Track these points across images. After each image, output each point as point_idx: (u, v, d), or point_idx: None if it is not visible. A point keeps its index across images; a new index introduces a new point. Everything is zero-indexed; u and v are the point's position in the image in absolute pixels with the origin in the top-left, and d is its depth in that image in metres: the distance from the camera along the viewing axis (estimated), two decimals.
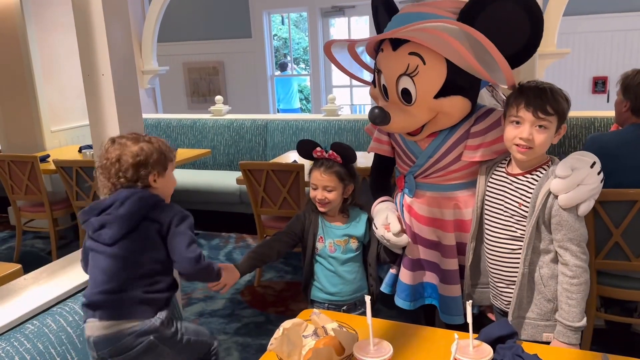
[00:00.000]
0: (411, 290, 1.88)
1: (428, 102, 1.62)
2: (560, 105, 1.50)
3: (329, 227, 1.84)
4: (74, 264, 1.68)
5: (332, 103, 4.51)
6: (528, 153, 1.52)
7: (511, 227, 1.59)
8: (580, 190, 1.46)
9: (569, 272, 1.49)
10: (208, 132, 4.72)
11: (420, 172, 1.79)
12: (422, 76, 1.59)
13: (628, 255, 2.14)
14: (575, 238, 1.49)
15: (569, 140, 3.62)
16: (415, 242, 1.85)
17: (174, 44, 7.59)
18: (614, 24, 5.75)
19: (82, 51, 1.59)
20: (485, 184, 1.68)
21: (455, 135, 1.73)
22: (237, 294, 3.18)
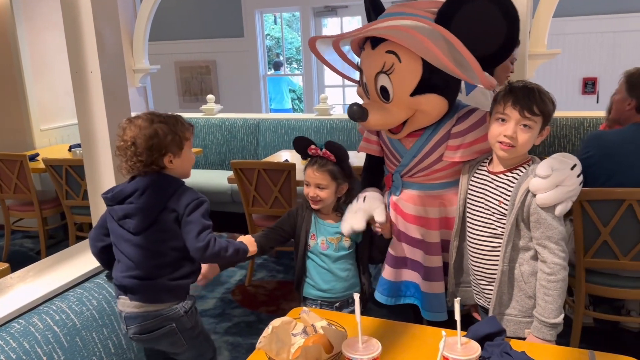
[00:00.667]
0: (390, 286, 1.88)
1: (404, 100, 1.64)
2: (547, 106, 1.53)
3: (321, 224, 1.84)
4: (62, 262, 1.67)
5: (324, 102, 4.51)
6: (510, 151, 1.53)
7: (492, 224, 1.61)
8: (558, 191, 1.47)
9: (547, 269, 1.51)
10: (200, 131, 4.70)
11: (405, 171, 1.81)
12: (398, 74, 1.61)
13: (616, 254, 2.16)
14: (553, 236, 1.50)
15: (559, 140, 3.64)
16: (400, 240, 1.86)
17: (165, 43, 7.56)
18: (603, 25, 5.79)
19: (70, 48, 1.57)
20: (467, 183, 1.70)
21: (438, 135, 1.74)
22: (228, 294, 3.18)
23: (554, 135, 3.66)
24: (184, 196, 1.47)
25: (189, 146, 1.54)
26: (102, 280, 1.55)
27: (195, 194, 1.49)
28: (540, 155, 1.66)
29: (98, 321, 1.46)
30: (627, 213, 2.09)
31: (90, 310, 1.45)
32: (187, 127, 1.53)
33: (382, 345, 1.22)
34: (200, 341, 1.59)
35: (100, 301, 1.49)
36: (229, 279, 3.37)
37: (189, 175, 1.56)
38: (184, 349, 1.56)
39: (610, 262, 2.19)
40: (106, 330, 1.47)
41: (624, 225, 2.12)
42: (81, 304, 1.44)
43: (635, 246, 2.12)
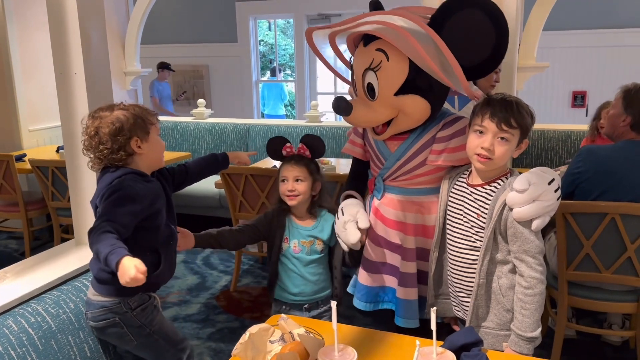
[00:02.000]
0: (368, 291, 1.88)
1: (389, 99, 1.66)
2: (524, 120, 1.53)
3: (295, 227, 1.84)
4: (41, 264, 1.66)
5: (315, 109, 4.52)
6: (487, 163, 1.54)
7: (470, 237, 1.61)
8: (535, 205, 1.47)
9: (525, 282, 1.50)
10: (189, 135, 4.69)
11: (388, 174, 1.81)
12: (384, 71, 1.64)
13: (599, 267, 2.17)
14: (530, 250, 1.49)
15: (546, 153, 3.67)
16: (379, 245, 1.85)
17: (159, 46, 7.54)
18: (594, 39, 5.86)
19: (55, 49, 1.56)
20: (447, 194, 1.70)
21: (423, 139, 1.75)
22: (212, 299, 3.16)
23: (541, 148, 3.68)
24: (107, 185, 1.44)
25: (156, 131, 1.54)
26: (80, 283, 1.54)
27: (118, 184, 1.43)
28: (524, 168, 1.67)
29: (75, 324, 1.45)
30: (610, 227, 2.10)
31: (67, 313, 1.44)
32: (150, 113, 1.53)
33: (359, 354, 1.21)
34: (155, 341, 1.56)
35: (77, 304, 1.48)
36: (214, 284, 3.35)
37: (161, 163, 1.56)
38: (134, 345, 1.54)
39: (593, 275, 2.20)
40: (82, 334, 1.46)
41: (607, 239, 2.13)
42: (58, 306, 1.43)
43: (617, 260, 2.13)
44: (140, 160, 1.50)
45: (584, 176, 2.14)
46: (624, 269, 2.14)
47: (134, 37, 5.18)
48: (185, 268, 3.61)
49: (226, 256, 3.78)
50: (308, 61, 7.40)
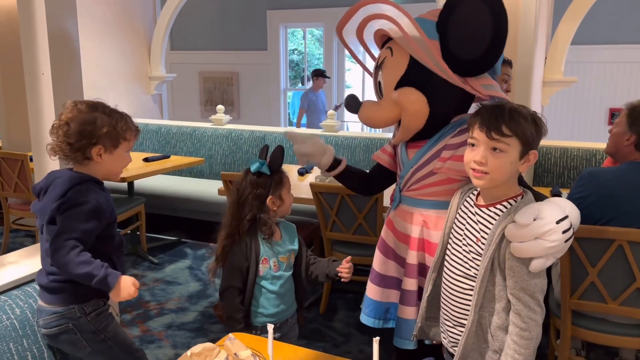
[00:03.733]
0: (377, 306, 1.81)
1: (390, 93, 1.67)
2: (520, 126, 1.33)
3: (271, 244, 1.74)
4: None
5: (332, 119, 4.45)
6: (485, 179, 1.36)
7: (466, 263, 1.45)
8: (536, 244, 1.29)
9: (522, 323, 1.33)
10: (206, 141, 4.70)
11: (403, 183, 1.77)
12: (387, 67, 1.68)
13: (605, 297, 2.00)
14: (529, 288, 1.32)
15: (569, 172, 3.47)
16: (390, 258, 1.80)
17: (191, 53, 7.66)
18: (632, 55, 5.58)
19: (24, 48, 1.55)
20: (455, 211, 1.55)
21: (436, 147, 1.68)
22: (210, 308, 3.11)
23: (563, 166, 3.49)
24: (64, 194, 1.40)
25: (126, 148, 1.49)
26: (32, 288, 1.50)
27: (78, 195, 1.39)
28: (544, 188, 1.53)
29: (18, 331, 1.41)
30: (617, 254, 1.94)
31: (11, 320, 1.40)
32: (130, 128, 1.48)
33: None
34: (109, 348, 1.52)
35: (24, 310, 1.44)
36: (214, 293, 3.30)
37: (116, 178, 1.52)
38: (88, 352, 1.50)
39: (598, 305, 2.03)
40: (27, 341, 1.42)
41: (614, 267, 1.96)
42: (2, 312, 1.39)
43: (625, 290, 1.96)
44: (96, 168, 1.46)
45: (587, 201, 1.98)
46: (632, 300, 1.97)
47: (159, 43, 5.27)
48: (189, 274, 3.59)
49: None
50: (337, 70, 7.35)
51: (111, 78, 4.92)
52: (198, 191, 4.27)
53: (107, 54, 4.83)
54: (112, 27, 4.89)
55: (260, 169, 1.67)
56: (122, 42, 5.01)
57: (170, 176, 4.54)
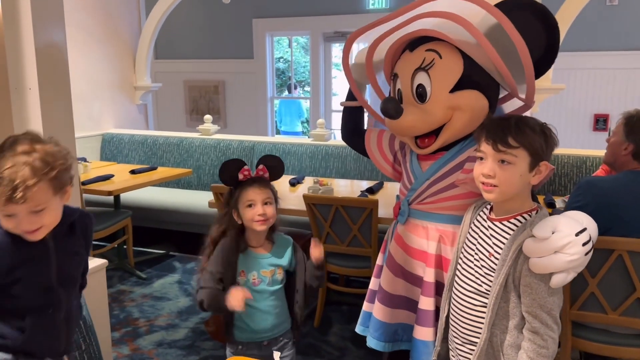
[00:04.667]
0: (386, 329, 1.73)
1: (443, 97, 1.55)
2: (527, 137, 1.32)
3: (253, 257, 1.69)
4: None
5: (321, 128, 4.41)
6: (494, 192, 1.35)
7: (477, 279, 1.42)
8: (556, 258, 1.26)
9: (541, 340, 1.30)
10: (194, 151, 4.63)
11: (415, 196, 1.69)
12: (438, 68, 1.55)
13: (605, 308, 1.99)
14: (546, 305, 1.30)
15: (559, 179, 3.48)
16: (398, 276, 1.71)
17: (175, 62, 7.58)
18: (616, 61, 5.65)
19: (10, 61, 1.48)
20: (468, 225, 1.51)
21: (458, 160, 1.63)
22: (201, 324, 3.03)
23: (554, 173, 3.49)
24: None
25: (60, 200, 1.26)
26: None
27: None
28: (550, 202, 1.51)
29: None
30: (617, 264, 1.93)
31: None
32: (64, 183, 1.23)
33: None
34: None
35: None
36: None
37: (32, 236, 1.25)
38: None
39: (598, 316, 2.01)
40: None
41: (614, 278, 1.95)
42: None
43: (625, 301, 1.95)
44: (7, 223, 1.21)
45: (585, 210, 1.95)
46: (633, 310, 1.96)
47: (144, 52, 5.19)
48: (179, 289, 3.51)
49: None
50: (323, 78, 7.33)
51: (96, 88, 4.83)
52: (186, 203, 4.19)
53: (91, 64, 4.75)
54: (96, 37, 4.80)
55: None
56: (106, 52, 4.93)
57: (157, 188, 4.46)
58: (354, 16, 6.58)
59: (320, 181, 3.39)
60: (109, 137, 4.96)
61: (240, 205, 1.67)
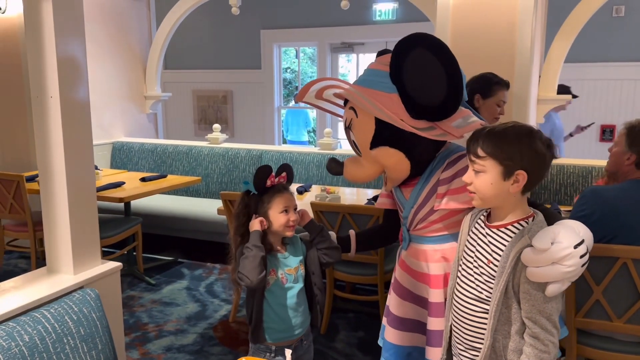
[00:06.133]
0: (397, 350, 1.75)
1: (366, 153, 1.65)
2: (496, 147, 1.33)
3: (276, 257, 1.74)
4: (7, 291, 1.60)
5: (328, 137, 4.46)
6: (475, 199, 1.41)
7: (478, 286, 1.43)
8: (554, 269, 1.28)
9: (542, 345, 1.33)
10: (203, 160, 4.69)
11: (408, 223, 1.73)
12: (356, 127, 1.65)
13: (610, 315, 2.00)
14: (545, 311, 1.32)
15: (565, 188, 3.50)
16: (406, 299, 1.74)
17: (184, 72, 7.68)
18: (623, 72, 5.67)
19: (32, 71, 1.54)
20: (467, 233, 1.53)
21: (430, 184, 1.65)
22: (209, 329, 3.07)
23: (560, 183, 3.52)
24: None
25: None
26: (40, 314, 1.46)
27: None
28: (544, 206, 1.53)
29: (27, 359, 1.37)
30: (622, 272, 1.95)
31: (20, 347, 1.36)
32: None
33: None
34: None
35: (33, 337, 1.39)
36: (214, 314, 3.27)
37: None
38: None
39: (603, 323, 2.03)
40: None
41: (618, 285, 1.97)
42: (11, 339, 1.35)
43: (630, 308, 1.97)
44: None
45: (590, 219, 1.98)
46: (638, 318, 1.97)
47: (155, 62, 5.27)
48: (187, 295, 3.55)
49: (230, 284, 3.70)
50: None
51: (107, 97, 4.91)
52: (195, 211, 4.25)
53: (103, 74, 4.83)
54: (108, 48, 4.89)
55: (247, 188, 1.74)
56: (118, 62, 5.02)
57: (167, 196, 4.52)
58: (360, 27, 6.66)
59: (327, 189, 3.43)
60: (119, 145, 5.03)
61: (273, 210, 1.71)
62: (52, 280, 1.71)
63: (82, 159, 1.71)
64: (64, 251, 1.75)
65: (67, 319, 1.50)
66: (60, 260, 1.78)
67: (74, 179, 1.74)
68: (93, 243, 1.87)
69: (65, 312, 1.51)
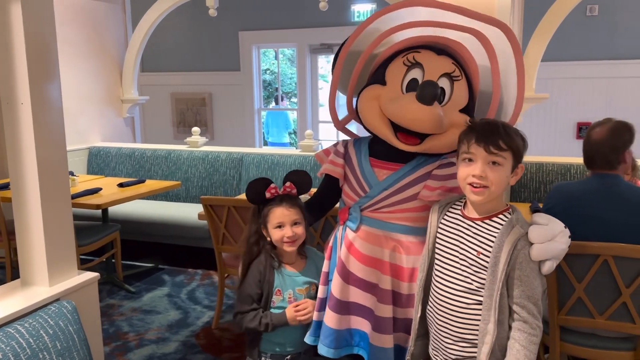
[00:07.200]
0: (336, 335, 1.69)
1: (454, 111, 1.64)
2: (514, 141, 1.41)
3: (287, 275, 1.70)
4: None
5: (309, 138, 4.44)
6: (483, 193, 1.41)
7: (467, 278, 1.46)
8: (552, 245, 1.42)
9: (530, 329, 1.40)
10: (182, 164, 4.62)
11: (369, 204, 1.67)
12: (460, 85, 1.66)
13: (592, 312, 2.02)
14: (534, 296, 1.40)
15: (544, 186, 3.53)
16: (349, 282, 1.69)
17: (162, 74, 7.58)
18: (598, 71, 5.77)
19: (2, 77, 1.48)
20: (437, 225, 1.55)
21: (417, 173, 1.66)
22: (192, 337, 3.02)
23: (539, 181, 3.55)
24: None
25: None
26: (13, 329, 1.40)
27: None
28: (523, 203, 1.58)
29: None
30: (603, 269, 1.96)
31: None
32: None
33: None
34: None
35: (6, 353, 1.35)
36: (196, 321, 3.21)
37: None
38: None
39: (586, 320, 2.04)
40: None
41: (600, 283, 1.98)
42: None
43: (611, 305, 1.98)
44: None
45: (554, 211, 2.02)
46: (619, 314, 1.99)
47: (131, 65, 5.19)
48: (168, 302, 3.49)
49: (212, 289, 3.65)
50: (310, 89, 7.38)
51: (83, 102, 4.82)
52: (175, 216, 4.18)
53: (78, 78, 4.74)
54: (83, 51, 4.80)
55: None
56: (93, 66, 4.92)
57: (145, 201, 4.44)
58: (339, 28, 6.64)
59: (310, 192, 3.40)
60: (95, 150, 4.94)
61: (269, 225, 1.67)
62: (26, 293, 1.66)
63: (55, 166, 1.66)
64: (38, 262, 1.70)
65: (42, 333, 1.45)
66: (35, 272, 1.73)
67: (48, 186, 1.69)
68: (69, 253, 1.82)
69: (40, 326, 1.46)
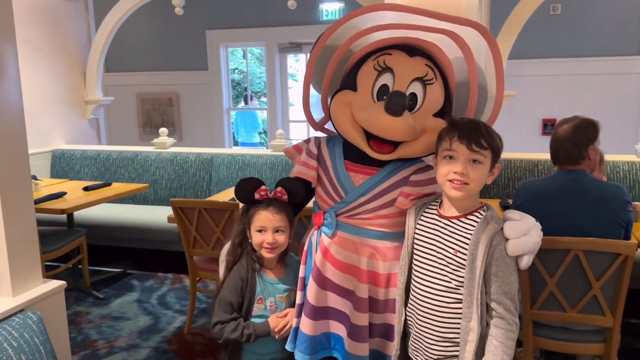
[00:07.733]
0: (312, 341, 1.66)
1: (428, 117, 1.58)
2: (494, 140, 1.44)
3: (268, 282, 1.65)
4: None
5: (280, 138, 4.40)
6: (463, 189, 1.41)
7: (446, 276, 1.45)
8: (527, 240, 1.43)
9: (507, 325, 1.41)
10: (150, 166, 4.52)
11: (345, 210, 1.63)
12: (434, 88, 1.58)
13: (564, 306, 2.05)
14: (510, 292, 1.41)
15: (513, 182, 3.58)
16: (325, 288, 1.65)
17: (127, 74, 7.42)
18: (561, 68, 5.91)
19: None
20: (414, 226, 1.54)
21: (394, 179, 1.62)
22: (164, 343, 2.95)
23: (508, 178, 3.60)
24: None
25: None
26: None
27: None
28: (492, 199, 1.59)
29: None
30: (574, 263, 2.00)
31: None
32: None
33: None
34: None
35: None
36: (167, 326, 3.14)
37: None
38: None
39: (558, 314, 2.08)
40: None
41: (571, 277, 2.02)
42: None
43: (582, 298, 2.02)
44: None
45: (520, 208, 2.05)
46: (590, 308, 2.03)
47: (95, 65, 5.05)
48: (138, 307, 3.40)
49: (183, 294, 3.58)
50: (280, 89, 7.34)
51: (44, 103, 4.66)
52: (143, 219, 4.08)
53: (39, 79, 4.57)
54: (44, 51, 4.63)
55: None
56: (55, 66, 4.76)
57: (112, 205, 4.33)
58: (307, 27, 6.62)
59: None
60: (59, 153, 4.78)
61: (252, 226, 1.63)
62: None
63: (17, 170, 1.58)
64: (0, 272, 1.62)
65: (6, 346, 1.38)
66: None
67: (9, 191, 1.61)
68: (33, 260, 1.74)
69: (4, 338, 1.39)
